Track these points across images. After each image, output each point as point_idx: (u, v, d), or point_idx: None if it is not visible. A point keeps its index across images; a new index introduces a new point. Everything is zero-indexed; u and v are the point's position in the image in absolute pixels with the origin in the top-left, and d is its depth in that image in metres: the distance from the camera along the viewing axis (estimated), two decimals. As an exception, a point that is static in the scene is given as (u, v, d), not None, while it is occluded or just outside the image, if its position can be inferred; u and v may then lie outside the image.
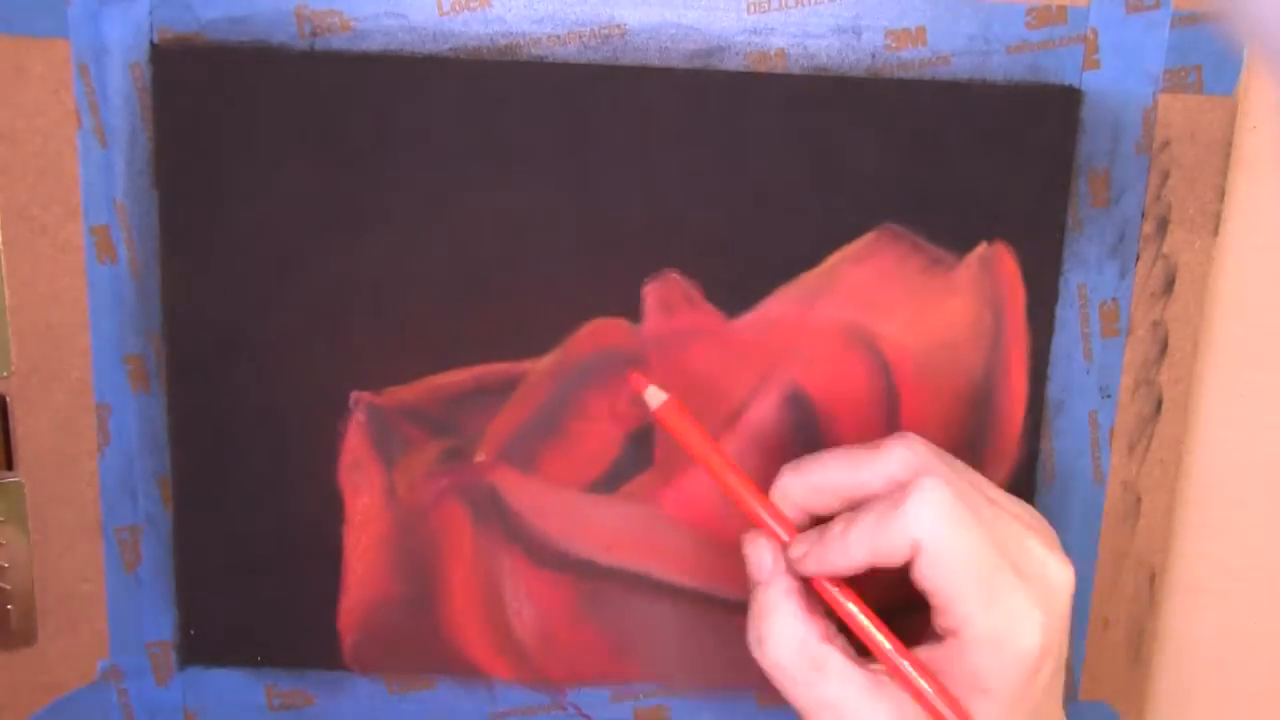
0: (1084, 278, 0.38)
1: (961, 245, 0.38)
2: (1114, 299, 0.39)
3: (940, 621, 0.30)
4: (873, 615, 0.31)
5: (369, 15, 0.36)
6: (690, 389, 0.39)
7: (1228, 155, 0.38)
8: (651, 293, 0.38)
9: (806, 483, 0.32)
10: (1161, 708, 0.42)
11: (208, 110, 0.36)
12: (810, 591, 0.32)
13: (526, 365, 0.38)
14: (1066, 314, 0.39)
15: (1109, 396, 0.39)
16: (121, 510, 0.39)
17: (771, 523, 0.32)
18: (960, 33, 0.37)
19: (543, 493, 0.39)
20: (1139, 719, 0.42)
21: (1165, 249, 0.38)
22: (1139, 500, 0.40)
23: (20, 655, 0.40)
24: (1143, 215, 0.38)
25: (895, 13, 0.37)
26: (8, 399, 0.38)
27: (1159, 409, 0.39)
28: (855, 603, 0.31)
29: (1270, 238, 0.39)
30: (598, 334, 0.38)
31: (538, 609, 0.40)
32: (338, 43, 0.36)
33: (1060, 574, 0.31)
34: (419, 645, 0.40)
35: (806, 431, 0.39)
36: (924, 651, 0.31)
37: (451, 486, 0.39)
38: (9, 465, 0.38)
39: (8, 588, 0.39)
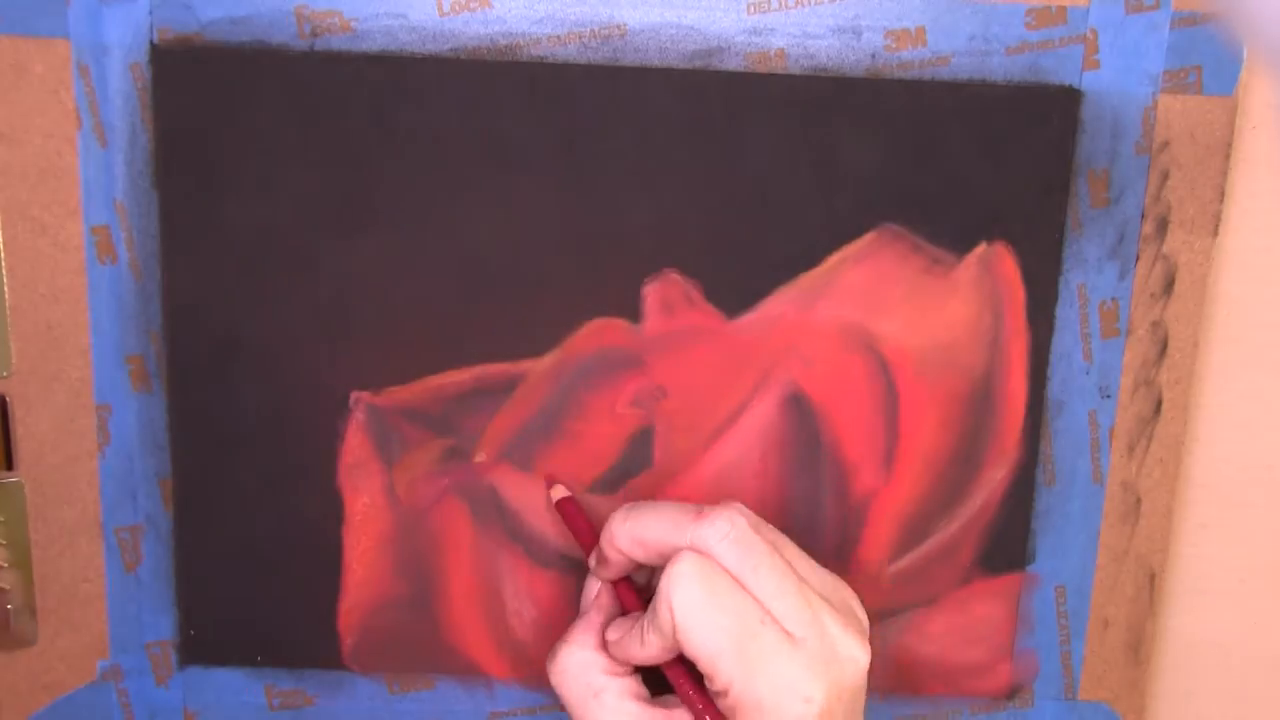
0: (1084, 278, 0.38)
1: (961, 245, 0.38)
2: (1114, 299, 0.39)
3: (709, 685, 0.33)
4: (680, 672, 0.34)
5: (369, 15, 0.36)
6: (690, 389, 0.39)
7: (1228, 155, 0.38)
8: (651, 293, 0.38)
9: (630, 534, 0.35)
10: (1161, 708, 0.42)
11: (208, 110, 0.36)
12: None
13: (526, 365, 0.38)
14: (1066, 314, 0.39)
15: (1109, 396, 0.39)
16: (121, 510, 0.39)
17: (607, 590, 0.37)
18: (960, 33, 0.37)
19: (543, 493, 0.39)
20: (1139, 719, 0.42)
21: (1165, 249, 0.38)
22: (1139, 500, 0.40)
23: (20, 655, 0.40)
24: (1142, 216, 0.38)
25: (895, 13, 0.37)
26: (8, 399, 0.38)
27: (1159, 409, 0.39)
28: (671, 668, 0.34)
29: (1270, 238, 0.39)
30: (598, 334, 0.38)
31: (538, 609, 0.40)
32: (338, 43, 0.36)
33: (852, 652, 0.33)
34: (419, 645, 0.40)
35: (806, 431, 0.39)
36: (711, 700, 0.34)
37: (451, 486, 0.39)
38: (9, 465, 0.38)
39: (8, 588, 0.39)
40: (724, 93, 0.37)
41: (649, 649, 0.34)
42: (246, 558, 0.39)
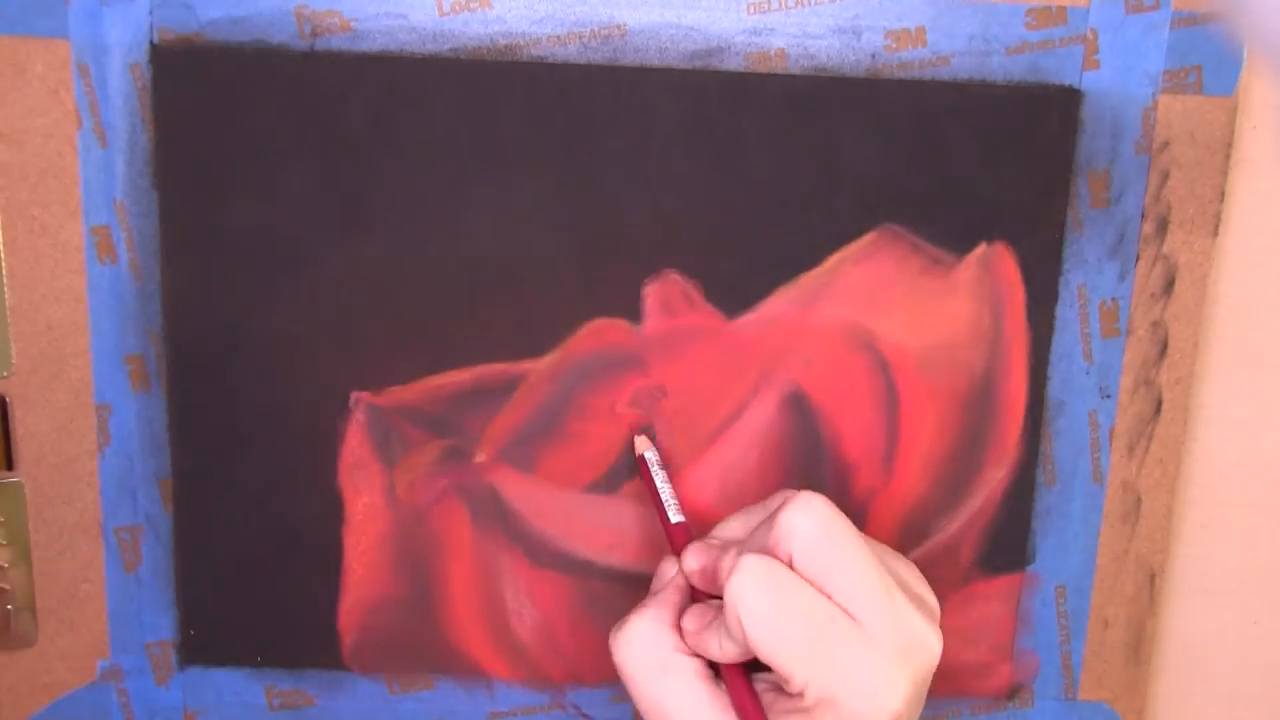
0: (1084, 278, 0.38)
1: (961, 245, 0.38)
2: (1114, 299, 0.39)
3: (786, 688, 0.32)
4: (737, 677, 0.33)
5: (369, 15, 0.36)
6: (690, 389, 0.39)
7: (1228, 155, 0.38)
8: (651, 293, 0.38)
9: (709, 544, 0.35)
10: (1161, 708, 0.42)
11: (208, 110, 0.36)
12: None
13: (526, 365, 0.38)
14: (1066, 314, 0.39)
15: (1109, 396, 0.39)
16: (121, 510, 0.39)
17: (673, 541, 0.36)
18: (960, 33, 0.37)
19: (543, 493, 0.39)
20: (1139, 719, 0.42)
21: (1165, 249, 0.38)
22: (1139, 500, 0.40)
23: (20, 655, 0.40)
24: (1143, 215, 0.38)
25: (895, 13, 0.37)
26: (8, 399, 0.38)
27: (1159, 409, 0.39)
28: (729, 671, 0.33)
29: (1270, 238, 0.39)
30: (598, 334, 0.38)
31: (538, 609, 0.40)
32: (338, 43, 0.36)
33: (927, 639, 0.32)
34: (419, 645, 0.40)
35: (806, 432, 0.39)
36: (789, 702, 0.32)
37: (451, 486, 0.39)
38: (9, 465, 0.38)
39: (8, 588, 0.39)
40: (724, 93, 0.37)
41: (726, 653, 0.33)
42: (246, 558, 0.39)
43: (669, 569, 0.36)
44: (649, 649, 0.33)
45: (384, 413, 0.39)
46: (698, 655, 0.34)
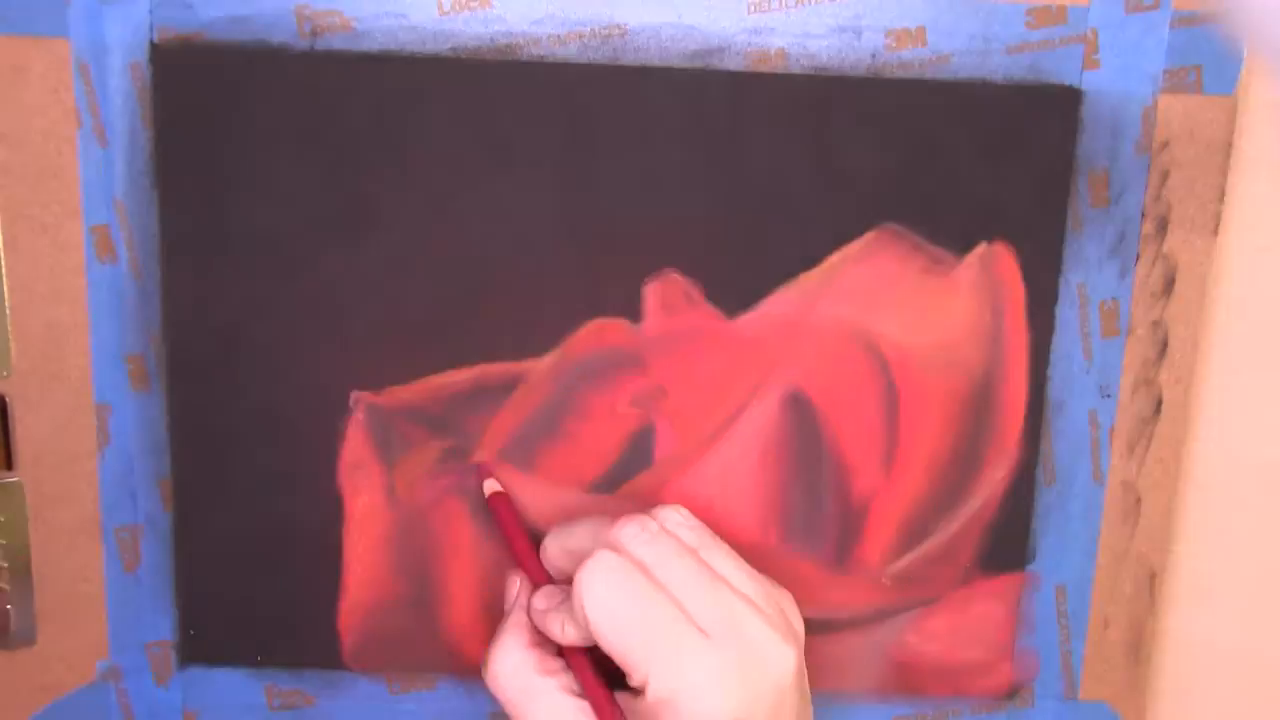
0: (1084, 277, 0.38)
1: (961, 245, 0.38)
2: (1114, 299, 0.39)
3: (630, 681, 0.33)
4: (582, 661, 0.35)
5: (369, 15, 0.36)
6: (690, 389, 0.39)
7: (1228, 155, 0.38)
8: (651, 293, 0.38)
9: (562, 547, 0.37)
10: (1161, 708, 0.42)
11: (208, 110, 0.36)
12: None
13: (526, 365, 0.38)
14: (1066, 314, 0.39)
15: (1109, 396, 0.39)
16: (121, 510, 0.39)
17: (528, 572, 0.37)
18: (960, 33, 0.37)
19: (543, 493, 0.39)
20: (1139, 719, 0.42)
21: (1165, 249, 0.38)
22: (1139, 500, 0.40)
23: (20, 655, 0.40)
24: (1143, 215, 0.38)
25: (895, 13, 0.37)
26: (8, 399, 0.38)
27: (1159, 409, 0.39)
28: (573, 655, 0.35)
29: (1270, 238, 0.39)
30: (598, 334, 0.38)
31: (538, 609, 0.40)
32: (338, 43, 0.36)
33: (772, 651, 0.33)
34: (419, 645, 0.40)
35: (806, 432, 0.39)
36: (632, 699, 0.33)
37: (451, 486, 0.39)
38: (9, 465, 0.38)
39: (8, 588, 0.39)
40: (724, 93, 0.37)
41: (567, 636, 0.34)
42: (246, 558, 0.39)
43: (514, 587, 0.37)
44: (513, 677, 0.35)
45: (384, 412, 0.39)
46: (561, 671, 0.35)
